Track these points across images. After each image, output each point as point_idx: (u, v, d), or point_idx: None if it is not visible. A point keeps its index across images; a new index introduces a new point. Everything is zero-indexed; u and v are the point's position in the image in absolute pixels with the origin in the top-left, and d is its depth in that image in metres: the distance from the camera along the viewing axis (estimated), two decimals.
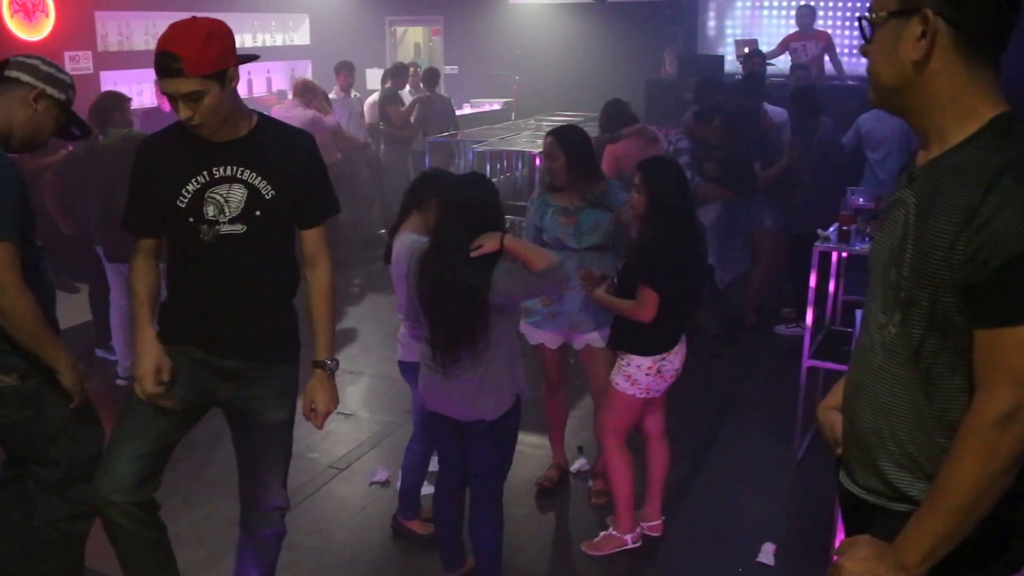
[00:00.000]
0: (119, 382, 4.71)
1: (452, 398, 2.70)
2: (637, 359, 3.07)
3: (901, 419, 1.42)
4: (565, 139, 3.39)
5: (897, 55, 1.36)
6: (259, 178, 2.22)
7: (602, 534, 3.33)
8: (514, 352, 2.72)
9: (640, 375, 3.08)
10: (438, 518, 2.98)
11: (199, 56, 2.02)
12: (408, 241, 3.06)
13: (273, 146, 2.25)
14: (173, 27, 2.08)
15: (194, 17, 2.10)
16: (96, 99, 4.77)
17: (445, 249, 2.60)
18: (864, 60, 1.45)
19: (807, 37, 8.04)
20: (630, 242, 3.26)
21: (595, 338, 3.40)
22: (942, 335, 1.35)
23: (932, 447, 1.40)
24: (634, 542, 3.28)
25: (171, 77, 2.05)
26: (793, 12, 8.84)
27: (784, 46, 8.16)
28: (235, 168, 2.20)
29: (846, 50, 8.68)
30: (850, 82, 7.76)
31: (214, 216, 2.21)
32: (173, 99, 2.09)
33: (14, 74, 2.29)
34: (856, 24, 1.45)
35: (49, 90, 2.31)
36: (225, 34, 2.11)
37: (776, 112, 5.94)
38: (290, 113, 6.44)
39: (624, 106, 5.54)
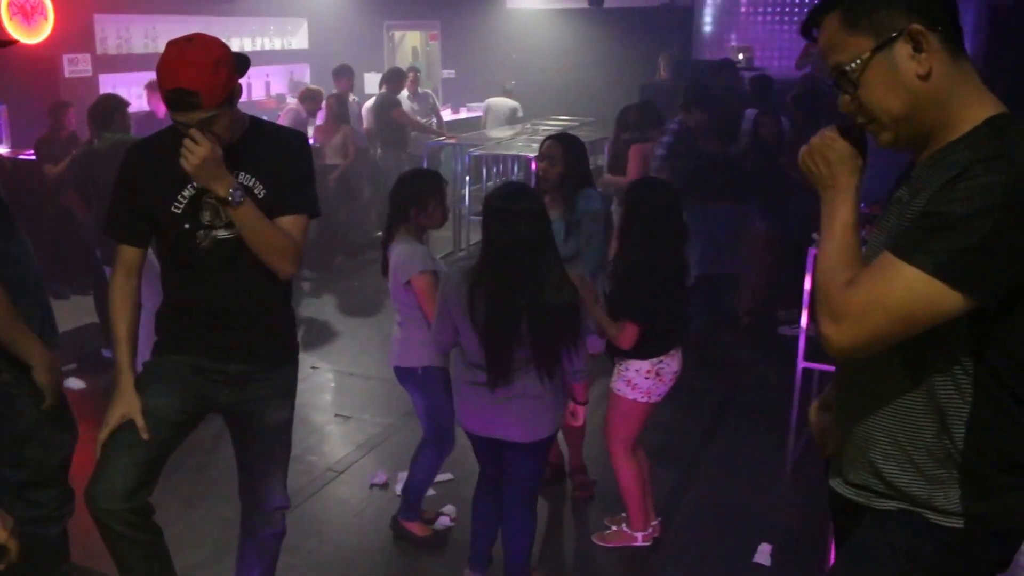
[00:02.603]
0: None
1: (509, 419, 2.66)
2: (635, 363, 3.11)
3: (888, 409, 1.45)
4: (569, 148, 3.42)
5: (901, 80, 1.36)
6: (253, 179, 2.23)
7: (614, 528, 3.39)
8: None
9: (639, 379, 3.11)
10: (476, 523, 2.94)
11: (213, 86, 2.02)
12: (409, 251, 3.05)
13: (264, 146, 2.26)
14: (177, 57, 2.02)
15: (191, 38, 2.06)
16: (96, 100, 4.78)
17: (516, 266, 2.54)
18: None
19: None
20: (614, 264, 3.26)
21: None
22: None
23: (920, 433, 1.42)
24: (644, 541, 3.32)
25: (189, 110, 2.04)
26: (789, 18, 8.94)
27: (806, 54, 8.24)
28: (232, 172, 2.19)
29: None
30: None
31: (210, 221, 2.21)
32: (186, 125, 2.08)
33: None
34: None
35: None
36: (227, 55, 2.08)
37: (782, 122, 5.95)
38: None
39: (654, 108, 5.77)
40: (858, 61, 1.37)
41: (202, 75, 2.00)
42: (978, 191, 1.25)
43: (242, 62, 2.17)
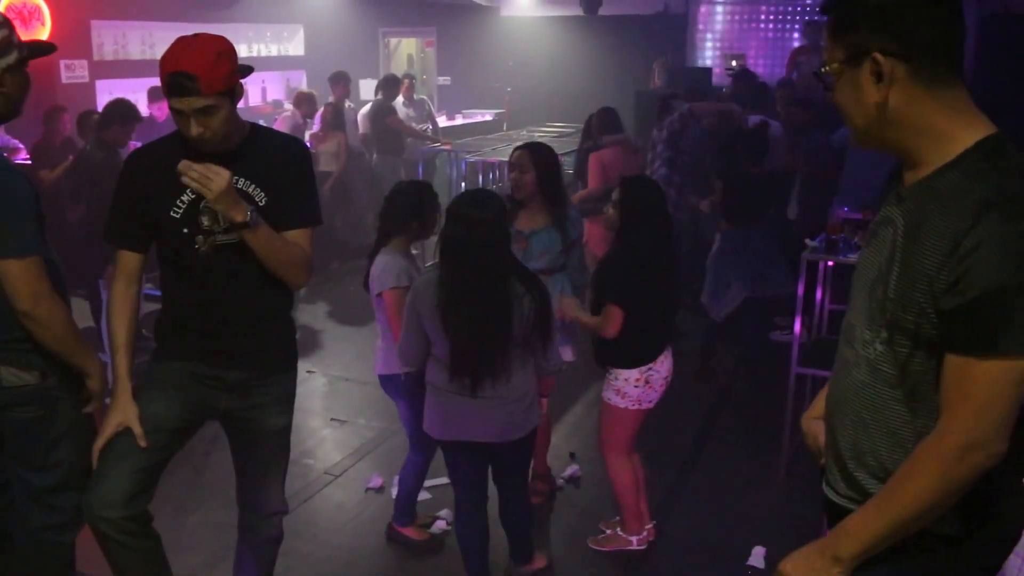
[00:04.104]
0: (107, 401, 4.64)
1: (488, 421, 2.68)
2: (624, 372, 3.12)
3: (881, 435, 1.45)
4: (536, 154, 3.42)
5: (861, 99, 1.39)
6: (252, 185, 2.23)
7: (608, 532, 3.40)
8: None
9: (629, 388, 3.12)
10: (467, 545, 2.94)
11: (212, 74, 2.04)
12: (386, 265, 3.07)
13: (265, 153, 2.27)
14: (181, 46, 2.06)
15: (197, 34, 2.10)
16: (109, 104, 4.77)
17: (472, 269, 2.56)
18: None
19: (813, 52, 8.21)
20: (603, 256, 3.31)
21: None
22: (927, 354, 1.36)
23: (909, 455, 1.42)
24: (639, 544, 3.34)
25: (186, 96, 2.05)
26: (781, 25, 9.02)
27: (793, 61, 8.33)
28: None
29: None
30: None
31: (209, 226, 2.21)
32: (183, 115, 2.09)
33: None
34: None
35: (2, 62, 2.15)
36: (232, 51, 2.12)
37: (773, 126, 5.98)
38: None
39: (614, 115, 5.70)
40: (831, 67, 1.41)
41: (203, 61, 2.03)
42: (1006, 248, 1.23)
43: (244, 68, 2.20)
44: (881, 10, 1.34)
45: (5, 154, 2.24)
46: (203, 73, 2.03)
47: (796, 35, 10.36)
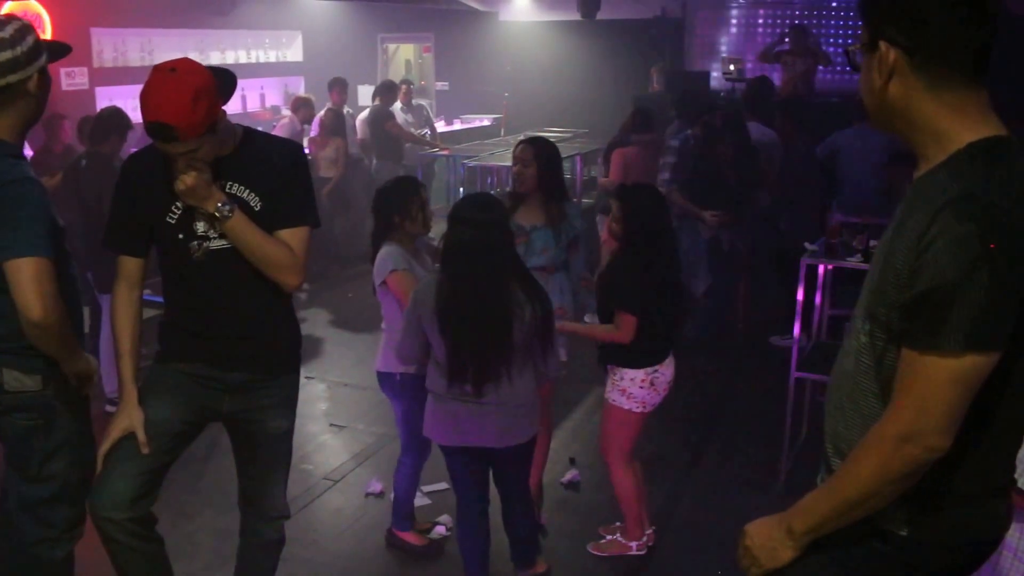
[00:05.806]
0: (108, 408, 4.48)
1: (488, 427, 2.68)
2: (630, 372, 3.12)
3: (857, 425, 1.47)
4: (540, 148, 3.42)
5: (870, 84, 1.43)
6: (247, 190, 2.24)
7: (608, 538, 3.41)
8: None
9: (635, 388, 3.12)
10: (469, 550, 2.94)
11: (190, 121, 2.01)
12: (385, 253, 3.06)
13: (259, 157, 2.27)
14: (157, 91, 2.01)
15: (173, 68, 2.04)
16: (102, 113, 4.75)
17: (484, 274, 2.56)
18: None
19: (797, 55, 8.29)
20: (607, 262, 3.32)
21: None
22: (899, 349, 1.38)
23: None
24: (639, 550, 3.34)
25: (166, 142, 2.05)
26: (780, 30, 9.05)
27: (777, 55, 8.41)
28: (223, 183, 2.21)
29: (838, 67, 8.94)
30: (834, 99, 7.93)
31: (204, 232, 2.23)
32: (167, 152, 2.09)
33: (2, 82, 2.10)
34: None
35: (36, 65, 2.14)
36: (209, 86, 2.05)
37: (767, 133, 5.96)
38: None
39: (646, 116, 5.84)
40: (859, 47, 1.45)
41: (180, 110, 1.99)
42: (957, 247, 1.25)
43: (228, 82, 2.17)
44: (896, 2, 1.37)
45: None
46: (180, 122, 2.00)
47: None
